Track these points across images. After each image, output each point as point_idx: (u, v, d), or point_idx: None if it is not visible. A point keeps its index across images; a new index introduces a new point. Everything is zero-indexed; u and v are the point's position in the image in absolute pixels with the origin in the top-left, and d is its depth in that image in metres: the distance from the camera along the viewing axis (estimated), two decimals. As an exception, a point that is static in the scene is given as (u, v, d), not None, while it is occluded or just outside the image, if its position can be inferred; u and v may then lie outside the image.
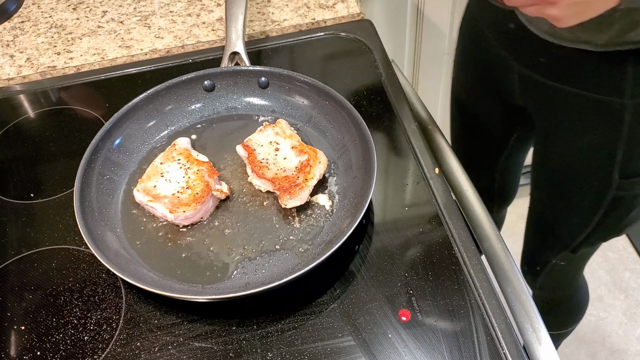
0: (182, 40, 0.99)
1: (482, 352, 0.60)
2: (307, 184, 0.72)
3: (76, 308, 0.67)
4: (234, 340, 0.63)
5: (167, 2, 1.07)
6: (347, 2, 1.03)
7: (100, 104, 0.91)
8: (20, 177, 0.82)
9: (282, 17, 1.02)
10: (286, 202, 0.70)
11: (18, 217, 0.77)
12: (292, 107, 0.84)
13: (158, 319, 0.66)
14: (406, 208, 0.74)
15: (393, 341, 0.62)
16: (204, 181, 0.73)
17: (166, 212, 0.70)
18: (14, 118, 0.90)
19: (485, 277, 0.67)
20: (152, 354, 0.63)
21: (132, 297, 0.68)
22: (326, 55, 0.97)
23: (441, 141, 0.86)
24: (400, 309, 0.64)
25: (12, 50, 1.00)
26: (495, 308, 0.64)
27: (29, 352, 0.64)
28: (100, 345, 0.64)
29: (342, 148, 0.78)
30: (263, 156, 0.76)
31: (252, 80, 0.85)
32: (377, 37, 0.98)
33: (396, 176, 0.78)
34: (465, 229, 0.71)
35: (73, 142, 0.86)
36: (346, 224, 0.68)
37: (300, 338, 0.63)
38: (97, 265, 0.70)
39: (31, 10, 1.08)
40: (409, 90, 0.95)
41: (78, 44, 1.01)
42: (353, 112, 0.76)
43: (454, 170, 0.81)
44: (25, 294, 0.69)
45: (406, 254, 0.69)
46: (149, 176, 0.74)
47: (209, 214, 0.73)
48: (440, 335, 0.62)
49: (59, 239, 0.73)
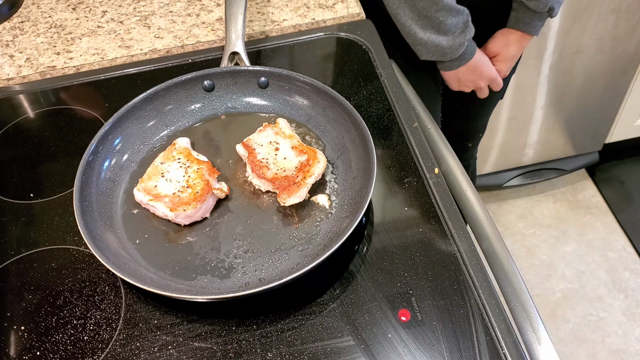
0: (182, 40, 0.99)
1: (482, 352, 0.60)
2: (305, 181, 0.72)
3: (76, 308, 0.67)
4: (233, 340, 0.63)
5: (167, 2, 1.07)
6: (347, 2, 1.03)
7: (100, 104, 0.91)
8: (20, 177, 0.82)
9: (282, 17, 1.02)
10: (284, 200, 0.71)
11: (18, 217, 0.77)
12: (292, 107, 0.84)
13: (158, 319, 0.66)
14: (406, 208, 0.74)
15: (393, 341, 0.62)
16: (204, 180, 0.73)
17: (167, 211, 0.70)
18: (13, 118, 0.90)
19: (485, 277, 0.67)
20: (151, 354, 0.63)
21: (132, 297, 0.68)
22: (326, 55, 0.97)
23: (441, 141, 0.86)
24: (400, 309, 0.64)
25: (12, 50, 1.00)
26: (494, 308, 0.64)
27: (28, 352, 0.64)
28: (100, 345, 0.64)
29: (342, 148, 0.78)
30: (263, 156, 0.76)
31: (252, 80, 0.85)
32: (377, 37, 0.98)
33: (396, 176, 0.78)
34: (464, 228, 0.71)
35: (73, 142, 0.86)
36: (346, 223, 0.68)
37: (300, 338, 0.63)
38: (96, 265, 0.70)
39: (31, 10, 1.08)
40: (409, 90, 0.95)
41: (78, 44, 1.01)
42: (353, 112, 0.76)
43: (453, 170, 0.81)
44: (25, 294, 0.69)
45: (406, 254, 0.69)
46: (149, 176, 0.74)
47: (209, 213, 0.73)
48: (439, 335, 0.62)
49: (58, 239, 0.74)
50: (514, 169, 2.00)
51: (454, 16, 0.97)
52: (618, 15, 1.50)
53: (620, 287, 1.81)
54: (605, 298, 1.80)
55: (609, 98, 1.77)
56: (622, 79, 1.71)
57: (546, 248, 1.93)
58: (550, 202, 2.06)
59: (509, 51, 1.10)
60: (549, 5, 1.00)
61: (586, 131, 1.91)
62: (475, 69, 1.08)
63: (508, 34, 1.09)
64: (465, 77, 1.10)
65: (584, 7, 1.46)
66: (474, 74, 1.10)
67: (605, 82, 1.71)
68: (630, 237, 1.92)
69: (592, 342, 1.71)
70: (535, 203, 2.06)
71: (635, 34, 1.57)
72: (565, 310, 1.78)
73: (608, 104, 1.80)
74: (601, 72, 1.67)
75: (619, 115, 1.83)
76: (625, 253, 1.89)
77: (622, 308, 1.77)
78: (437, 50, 1.01)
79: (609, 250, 1.90)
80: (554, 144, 1.93)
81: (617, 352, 1.68)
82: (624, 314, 1.76)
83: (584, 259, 1.89)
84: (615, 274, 1.84)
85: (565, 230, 1.97)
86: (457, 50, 1.02)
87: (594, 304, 1.79)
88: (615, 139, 1.95)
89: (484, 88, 1.15)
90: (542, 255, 1.91)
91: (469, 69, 1.08)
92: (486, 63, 1.10)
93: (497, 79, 1.12)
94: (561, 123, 1.84)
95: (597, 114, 1.84)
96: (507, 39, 1.09)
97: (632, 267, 1.86)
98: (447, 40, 1.00)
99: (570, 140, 1.93)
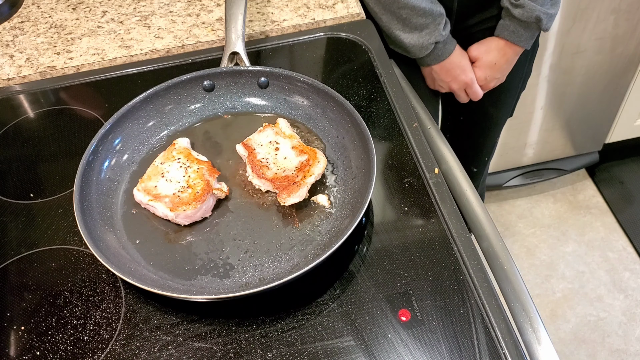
0: (182, 41, 0.99)
1: (482, 352, 0.60)
2: (305, 181, 0.72)
3: (76, 308, 0.67)
4: (233, 340, 0.63)
5: (167, 2, 1.07)
6: (347, 2, 1.03)
7: (99, 104, 0.91)
8: (20, 177, 0.82)
9: (282, 17, 1.02)
10: (284, 199, 0.71)
11: (18, 217, 0.77)
12: (292, 107, 0.84)
13: (157, 319, 0.66)
14: (406, 208, 0.74)
15: (393, 341, 0.62)
16: (204, 180, 0.73)
17: (167, 211, 0.70)
18: (13, 118, 0.90)
19: (485, 277, 0.67)
20: (151, 354, 0.63)
21: (132, 297, 0.68)
22: (326, 55, 0.97)
23: (441, 141, 0.86)
24: (400, 309, 0.64)
25: (12, 50, 1.00)
26: (494, 308, 0.64)
27: (28, 352, 0.64)
28: (100, 345, 0.64)
29: (342, 148, 0.78)
30: (263, 156, 0.76)
31: (252, 81, 0.85)
32: (377, 37, 0.98)
33: (396, 176, 0.78)
34: (464, 228, 0.71)
35: (73, 142, 0.86)
36: (346, 223, 0.68)
37: (300, 338, 0.63)
38: (96, 265, 0.70)
39: (31, 10, 1.08)
40: (409, 90, 0.95)
41: (78, 44, 1.01)
42: (353, 112, 0.76)
43: (453, 170, 0.81)
44: (25, 294, 0.69)
45: (406, 254, 0.69)
46: (149, 176, 0.74)
47: (209, 213, 0.73)
48: (439, 335, 0.62)
49: (58, 239, 0.73)
50: (514, 169, 2.00)
51: (420, 16, 0.96)
52: (618, 15, 1.50)
53: (620, 287, 1.81)
54: (605, 298, 1.80)
55: (609, 98, 1.77)
56: (622, 79, 1.71)
57: (546, 248, 1.93)
58: (550, 202, 2.06)
59: (488, 57, 1.08)
60: (535, 14, 0.98)
61: (586, 131, 1.91)
62: (450, 71, 1.07)
63: (491, 40, 1.07)
64: (439, 76, 1.10)
65: (584, 7, 1.46)
66: (448, 76, 1.09)
67: (605, 82, 1.71)
68: (630, 237, 1.92)
69: (592, 342, 1.71)
70: (535, 203, 2.06)
71: (635, 34, 1.57)
72: (565, 310, 1.78)
73: (608, 104, 1.80)
74: (601, 72, 1.67)
75: (619, 115, 1.83)
76: (625, 253, 1.89)
77: (622, 308, 1.77)
78: (401, 46, 1.03)
79: (609, 250, 1.90)
80: (554, 144, 1.93)
81: (617, 352, 1.68)
82: (624, 314, 1.76)
83: (584, 259, 1.89)
84: (615, 274, 1.84)
85: (565, 230, 1.97)
86: (421, 50, 1.02)
87: (594, 304, 1.79)
88: (615, 139, 1.95)
89: (459, 93, 1.13)
90: (542, 255, 1.91)
91: (442, 70, 1.07)
92: (464, 67, 1.08)
93: (472, 86, 1.10)
94: (561, 123, 1.84)
95: (597, 114, 1.84)
96: (489, 45, 1.07)
97: (632, 267, 1.86)
98: (410, 38, 0.99)
99: (570, 140, 1.93)
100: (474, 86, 1.11)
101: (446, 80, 1.10)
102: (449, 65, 1.06)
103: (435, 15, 0.98)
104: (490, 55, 1.07)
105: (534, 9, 0.98)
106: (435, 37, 1.00)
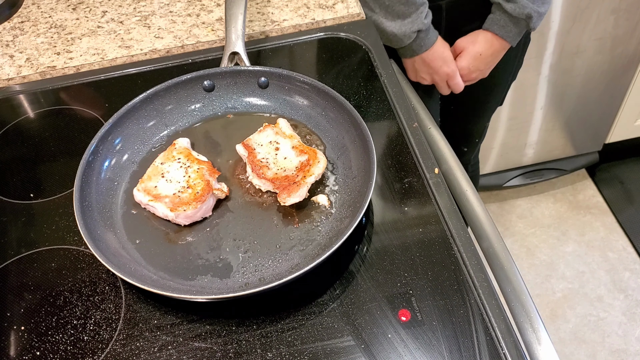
0: (182, 41, 0.99)
1: (482, 352, 0.60)
2: (305, 180, 0.72)
3: (76, 308, 0.67)
4: (233, 340, 0.63)
5: (167, 2, 1.07)
6: (347, 2, 1.03)
7: (100, 104, 0.91)
8: (20, 177, 0.82)
9: (282, 17, 1.02)
10: (284, 199, 0.71)
11: (18, 217, 0.77)
12: (292, 107, 0.84)
13: (158, 319, 0.66)
14: (406, 208, 0.74)
15: (393, 341, 0.62)
16: (204, 180, 0.73)
17: (167, 211, 0.70)
18: (13, 118, 0.90)
19: (485, 277, 0.67)
20: (151, 354, 0.63)
21: (132, 297, 0.68)
22: (326, 55, 0.97)
23: (441, 141, 0.86)
24: (400, 309, 0.64)
25: (12, 50, 1.00)
26: (494, 308, 0.64)
27: (28, 352, 0.64)
28: (100, 345, 0.64)
29: (342, 148, 0.78)
30: (263, 155, 0.76)
31: (252, 81, 0.85)
32: (377, 37, 0.98)
33: (396, 176, 0.78)
34: (464, 228, 0.71)
35: (73, 142, 0.86)
36: (346, 223, 0.68)
37: (300, 338, 0.63)
38: (96, 265, 0.70)
39: (31, 10, 1.08)
40: (409, 90, 0.95)
41: (78, 44, 1.01)
42: (353, 112, 0.76)
43: (453, 170, 0.81)
44: (25, 294, 0.69)
45: (406, 254, 0.69)
46: (149, 176, 0.74)
47: (209, 213, 0.73)
48: (439, 335, 0.62)
49: (58, 239, 0.74)
50: (514, 169, 2.00)
51: (402, 4, 0.97)
52: (618, 15, 1.50)
53: (620, 287, 1.81)
54: (605, 298, 1.80)
55: (609, 98, 1.77)
56: (622, 79, 1.71)
57: (546, 248, 1.93)
58: (550, 202, 2.06)
59: (474, 48, 1.08)
60: (526, 11, 0.99)
61: (586, 131, 1.91)
62: (432, 62, 1.07)
63: (479, 33, 1.08)
64: (421, 68, 1.10)
65: (584, 7, 1.46)
66: (430, 67, 1.08)
67: (605, 82, 1.71)
68: (630, 237, 1.92)
69: (592, 342, 1.71)
70: (535, 203, 2.06)
71: (635, 34, 1.57)
72: (565, 310, 1.78)
73: (608, 104, 1.80)
74: (601, 72, 1.67)
75: (619, 115, 1.84)
76: (625, 253, 1.89)
77: (622, 308, 1.77)
78: (383, 34, 1.03)
79: (609, 250, 1.90)
80: (554, 144, 1.93)
81: (617, 352, 1.68)
82: (624, 314, 1.76)
83: (584, 259, 1.89)
84: (615, 274, 1.85)
85: (565, 230, 1.97)
86: (403, 39, 1.02)
87: (594, 304, 1.79)
88: (615, 139, 1.95)
89: (441, 85, 1.13)
90: (542, 255, 1.91)
91: (425, 61, 1.07)
92: (446, 59, 1.08)
93: (454, 77, 1.10)
94: (561, 123, 1.84)
95: (597, 114, 1.84)
96: (476, 36, 1.08)
97: (632, 267, 1.86)
98: (393, 26, 1.00)
99: (570, 140, 1.93)
100: (456, 78, 1.11)
101: (428, 71, 1.10)
102: (432, 56, 1.06)
103: (418, 4, 0.99)
104: (477, 46, 1.08)
105: (526, 5, 0.99)
106: (418, 25, 1.01)
